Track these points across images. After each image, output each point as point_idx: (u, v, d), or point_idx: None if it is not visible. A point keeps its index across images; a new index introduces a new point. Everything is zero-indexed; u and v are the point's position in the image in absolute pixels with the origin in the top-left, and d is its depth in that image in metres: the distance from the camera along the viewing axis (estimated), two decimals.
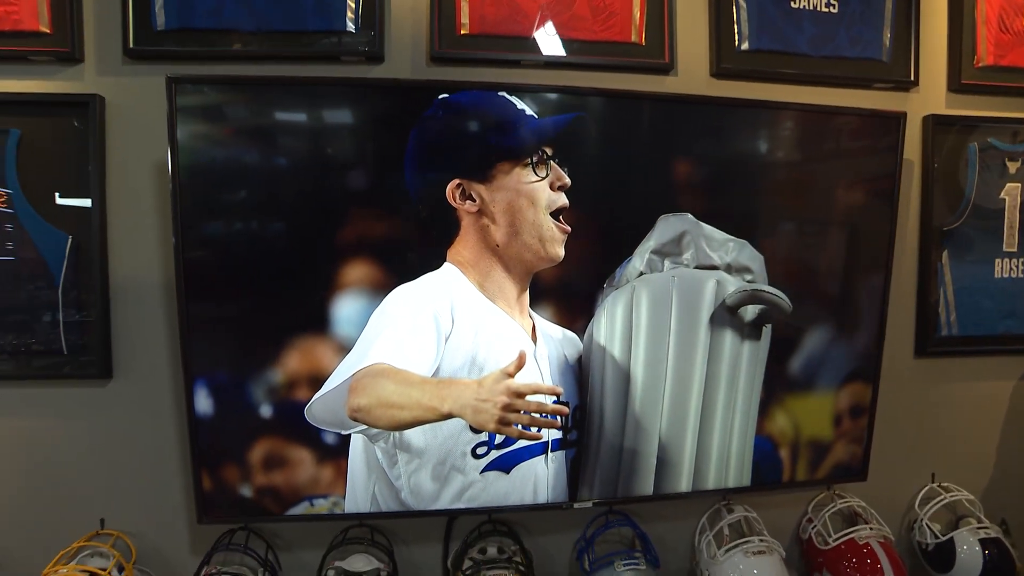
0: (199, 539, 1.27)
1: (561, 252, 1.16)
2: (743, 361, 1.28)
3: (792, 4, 1.41)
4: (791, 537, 1.50)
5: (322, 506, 1.19)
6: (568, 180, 1.16)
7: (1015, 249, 1.53)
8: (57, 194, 1.23)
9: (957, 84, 1.49)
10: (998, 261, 1.53)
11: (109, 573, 1.16)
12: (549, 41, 1.33)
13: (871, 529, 1.36)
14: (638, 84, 1.36)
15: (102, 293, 1.23)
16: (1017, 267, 1.53)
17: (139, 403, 1.26)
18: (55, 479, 1.25)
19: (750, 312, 1.27)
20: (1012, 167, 1.52)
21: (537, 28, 1.33)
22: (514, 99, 1.14)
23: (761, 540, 1.31)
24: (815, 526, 1.42)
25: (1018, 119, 1.51)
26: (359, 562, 1.25)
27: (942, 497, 1.48)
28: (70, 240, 1.22)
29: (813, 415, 1.36)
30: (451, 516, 1.35)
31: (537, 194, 1.14)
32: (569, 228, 1.16)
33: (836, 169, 1.36)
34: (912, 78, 1.46)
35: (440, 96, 1.13)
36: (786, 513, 1.51)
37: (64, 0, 1.20)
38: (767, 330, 1.29)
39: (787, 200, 1.34)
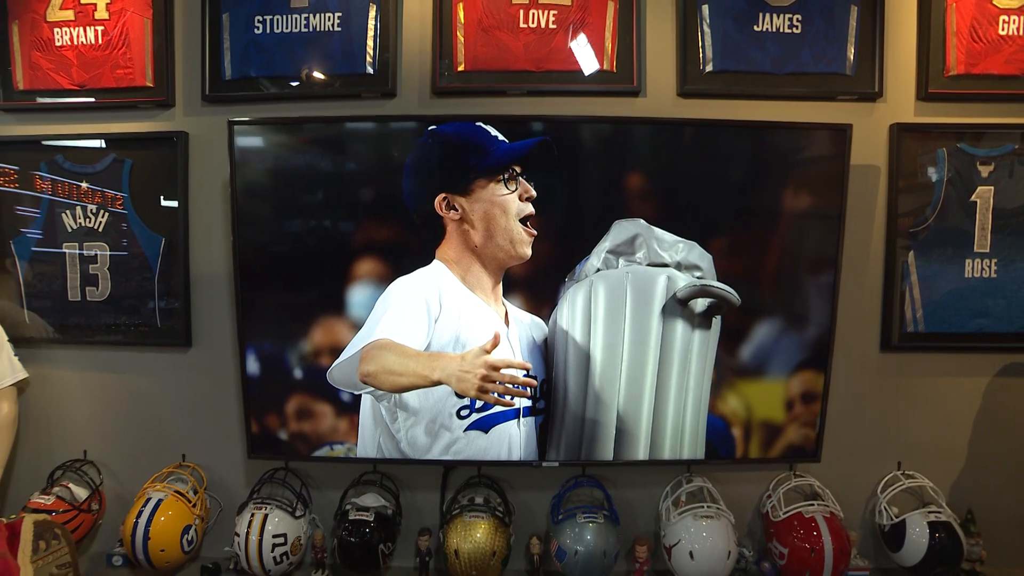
0: (252, 474, 1.66)
1: (528, 252, 1.43)
2: (694, 347, 1.48)
3: (755, 28, 1.60)
4: (755, 510, 1.68)
5: (339, 450, 1.53)
6: (534, 192, 1.43)
7: (987, 250, 1.61)
8: (155, 204, 1.66)
9: (925, 93, 1.60)
10: (969, 261, 1.62)
11: (187, 494, 1.58)
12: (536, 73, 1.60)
13: (818, 505, 1.52)
14: (610, 106, 1.60)
15: (185, 283, 1.65)
16: (989, 267, 1.61)
17: (210, 366, 1.67)
18: (151, 420, 1.69)
19: (700, 304, 1.48)
20: (984, 171, 1.61)
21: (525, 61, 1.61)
22: (489, 127, 1.43)
23: (710, 507, 1.51)
24: (772, 501, 1.59)
25: (991, 125, 1.59)
26: (370, 500, 1.59)
27: (901, 483, 1.60)
28: (164, 241, 1.65)
29: (765, 398, 1.54)
30: (447, 467, 1.65)
31: (508, 204, 1.42)
32: (535, 232, 1.43)
33: (792, 178, 1.51)
34: (877, 89, 1.59)
35: (430, 127, 1.44)
36: (752, 489, 1.68)
37: (163, 61, 1.64)
38: (717, 321, 1.49)
39: (744, 207, 1.52)
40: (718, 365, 1.50)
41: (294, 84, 1.62)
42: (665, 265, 1.47)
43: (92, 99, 1.64)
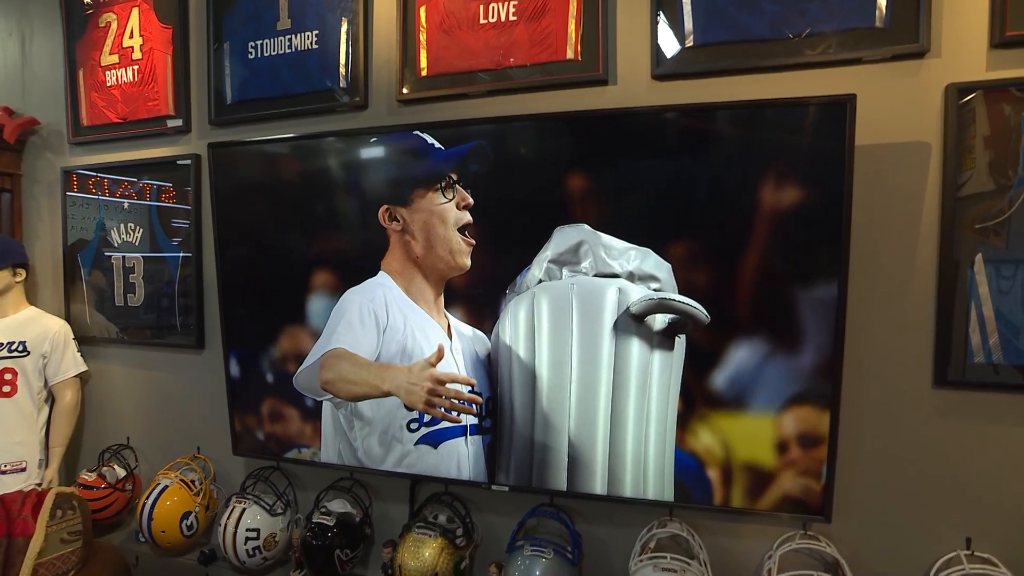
0: (250, 470, 1.94)
1: (467, 262, 1.48)
2: (654, 370, 1.39)
3: None
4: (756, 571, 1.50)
5: (306, 453, 1.72)
6: (471, 200, 1.46)
7: None
8: (174, 219, 2.01)
9: (1001, 38, 1.29)
10: None
11: (192, 483, 1.89)
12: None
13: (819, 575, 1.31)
14: (577, 97, 1.56)
15: (198, 292, 1.98)
16: None
17: (218, 367, 1.97)
18: (175, 414, 2.06)
19: (659, 321, 1.38)
20: None
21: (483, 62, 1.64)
22: (426, 135, 1.50)
23: (675, 558, 1.40)
24: (769, 564, 1.42)
25: None
26: (337, 506, 1.75)
27: (962, 567, 1.30)
28: (181, 254, 2.00)
29: (747, 437, 1.37)
30: (413, 481, 1.75)
31: (446, 214, 1.48)
32: (474, 241, 1.47)
33: (781, 168, 1.33)
34: (922, 43, 1.33)
35: (372, 139, 1.55)
36: (758, 545, 1.50)
37: (181, 93, 1.98)
38: (680, 340, 1.38)
39: (723, 205, 1.38)
40: (687, 393, 1.39)
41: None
42: (615, 275, 1.40)
43: (132, 131, 2.06)
